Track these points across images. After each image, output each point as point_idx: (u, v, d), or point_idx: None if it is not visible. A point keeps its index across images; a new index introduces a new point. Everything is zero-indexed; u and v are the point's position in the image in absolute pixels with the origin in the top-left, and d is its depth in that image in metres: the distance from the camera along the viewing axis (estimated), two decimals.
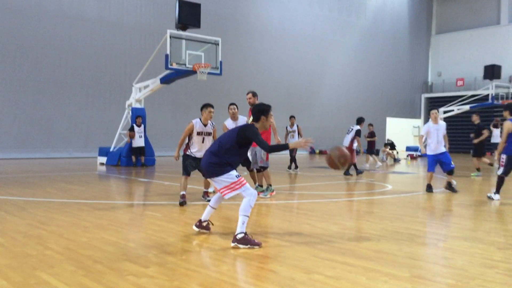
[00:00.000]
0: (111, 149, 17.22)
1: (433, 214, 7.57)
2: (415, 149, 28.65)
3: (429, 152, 10.13)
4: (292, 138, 15.06)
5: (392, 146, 23.90)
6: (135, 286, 3.63)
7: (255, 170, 9.10)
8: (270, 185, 8.94)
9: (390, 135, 33.06)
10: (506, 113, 8.80)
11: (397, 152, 24.16)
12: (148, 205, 8.04)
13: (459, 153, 32.20)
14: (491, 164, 15.97)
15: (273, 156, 15.84)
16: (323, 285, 3.72)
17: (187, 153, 7.99)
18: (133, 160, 16.04)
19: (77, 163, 17.50)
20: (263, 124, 5.16)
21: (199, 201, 8.21)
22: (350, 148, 13.47)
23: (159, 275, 3.91)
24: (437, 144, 9.93)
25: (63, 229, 5.65)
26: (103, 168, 15.79)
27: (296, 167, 15.08)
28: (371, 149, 18.84)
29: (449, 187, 9.91)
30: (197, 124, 7.95)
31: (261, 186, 9.05)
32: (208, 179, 5.33)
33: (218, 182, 5.06)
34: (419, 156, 26.83)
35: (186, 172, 7.88)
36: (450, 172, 9.91)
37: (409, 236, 5.59)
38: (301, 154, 26.71)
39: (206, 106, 7.99)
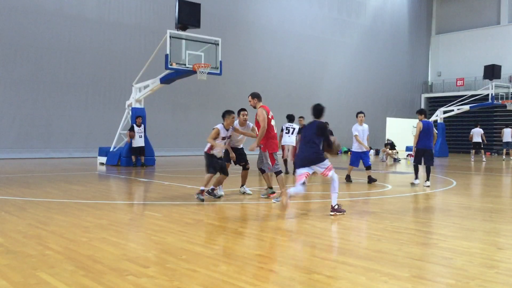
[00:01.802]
0: (111, 149, 17.22)
1: (433, 214, 7.57)
2: None
3: (354, 150, 12.11)
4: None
5: (392, 146, 23.89)
6: (135, 286, 3.63)
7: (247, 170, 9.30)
8: (271, 188, 8.86)
9: (390, 135, 33.09)
10: (419, 116, 11.23)
11: (397, 152, 24.15)
12: (148, 205, 8.04)
13: (459, 153, 32.21)
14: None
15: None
16: (323, 285, 3.72)
17: (211, 152, 8.50)
18: (133, 160, 16.03)
19: (77, 163, 17.50)
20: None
21: (204, 198, 8.21)
22: (296, 148, 13.33)
23: (159, 275, 3.91)
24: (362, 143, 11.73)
25: (63, 229, 5.65)
26: (103, 168, 15.79)
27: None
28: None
29: (370, 179, 11.70)
30: (221, 130, 8.64)
31: (271, 188, 8.83)
32: (308, 167, 6.86)
33: (320, 167, 6.86)
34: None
35: (214, 170, 8.39)
36: (368, 167, 11.85)
37: (409, 236, 5.59)
38: None
39: (229, 112, 8.82)
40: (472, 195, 10.17)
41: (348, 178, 11.91)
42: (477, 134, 23.48)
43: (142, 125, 16.27)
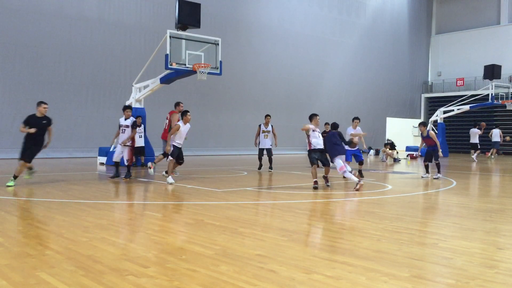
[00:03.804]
0: (111, 149, 17.21)
1: (433, 214, 7.57)
2: (415, 149, 28.68)
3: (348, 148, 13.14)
4: (265, 139, 14.97)
5: (392, 146, 23.89)
6: (135, 286, 3.63)
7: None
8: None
9: (390, 135, 33.08)
10: (424, 127, 13.31)
11: (397, 152, 24.15)
12: (148, 205, 8.04)
13: (459, 153, 32.21)
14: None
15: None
16: (323, 285, 3.73)
17: (311, 148, 10.58)
18: (133, 160, 16.02)
19: (77, 163, 17.50)
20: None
21: (205, 198, 8.20)
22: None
23: (159, 275, 3.91)
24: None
25: (63, 229, 5.65)
26: (103, 168, 15.78)
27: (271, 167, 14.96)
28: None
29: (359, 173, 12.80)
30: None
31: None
32: (339, 159, 10.40)
33: (343, 160, 10.42)
34: (420, 156, 26.84)
35: (314, 162, 10.50)
36: (361, 162, 12.89)
37: (409, 236, 5.59)
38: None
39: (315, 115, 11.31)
40: (472, 195, 10.17)
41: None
42: (473, 135, 23.67)
43: (142, 125, 16.27)
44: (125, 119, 11.79)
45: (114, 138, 12.31)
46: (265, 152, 15.13)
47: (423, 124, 13.58)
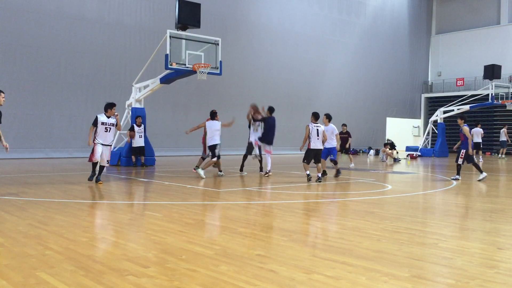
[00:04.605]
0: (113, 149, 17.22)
1: (433, 214, 7.57)
2: (415, 149, 28.67)
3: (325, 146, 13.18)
4: (255, 132, 13.83)
5: (392, 146, 23.89)
6: (135, 286, 3.63)
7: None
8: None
9: (390, 135, 33.08)
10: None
11: (397, 152, 24.15)
12: (148, 205, 8.04)
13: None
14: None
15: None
16: (323, 285, 3.73)
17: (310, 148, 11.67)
18: (133, 160, 16.04)
19: (77, 163, 17.50)
20: None
21: (205, 198, 8.20)
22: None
23: (159, 275, 3.91)
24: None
25: (63, 229, 5.65)
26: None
27: (242, 169, 14.23)
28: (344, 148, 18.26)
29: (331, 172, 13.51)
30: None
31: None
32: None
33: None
34: (419, 156, 26.86)
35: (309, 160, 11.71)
36: (334, 161, 13.44)
37: (409, 236, 5.59)
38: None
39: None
40: (472, 195, 10.17)
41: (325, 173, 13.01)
42: (476, 134, 23.66)
43: (142, 125, 16.28)
44: (108, 117, 10.60)
45: (93, 136, 10.61)
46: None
47: (460, 117, 13.04)
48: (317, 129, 11.81)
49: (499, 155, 25.85)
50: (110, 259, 4.36)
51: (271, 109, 13.67)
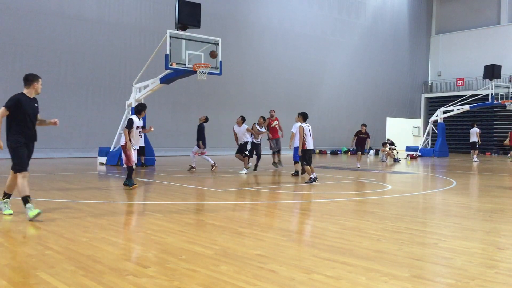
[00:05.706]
0: (111, 149, 17.21)
1: (433, 214, 7.57)
2: (415, 149, 28.67)
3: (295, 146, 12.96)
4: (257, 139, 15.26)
5: (392, 145, 23.89)
6: (135, 286, 3.63)
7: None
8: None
9: (390, 135, 33.09)
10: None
11: (397, 152, 24.15)
12: (148, 205, 8.04)
13: (458, 153, 32.20)
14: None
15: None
16: (323, 285, 3.73)
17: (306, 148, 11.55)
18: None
19: (77, 163, 17.50)
20: None
21: (205, 198, 8.20)
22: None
23: (159, 275, 3.91)
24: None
25: (63, 229, 5.65)
26: (103, 168, 15.78)
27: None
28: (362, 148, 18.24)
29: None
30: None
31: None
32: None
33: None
34: (419, 156, 26.87)
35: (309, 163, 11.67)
36: (296, 162, 13.45)
37: (409, 236, 5.59)
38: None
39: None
40: (472, 195, 10.17)
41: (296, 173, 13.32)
42: (472, 134, 23.73)
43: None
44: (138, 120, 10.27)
45: (131, 140, 10.21)
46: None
47: None
48: (309, 129, 11.82)
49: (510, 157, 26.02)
50: (110, 259, 4.36)
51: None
